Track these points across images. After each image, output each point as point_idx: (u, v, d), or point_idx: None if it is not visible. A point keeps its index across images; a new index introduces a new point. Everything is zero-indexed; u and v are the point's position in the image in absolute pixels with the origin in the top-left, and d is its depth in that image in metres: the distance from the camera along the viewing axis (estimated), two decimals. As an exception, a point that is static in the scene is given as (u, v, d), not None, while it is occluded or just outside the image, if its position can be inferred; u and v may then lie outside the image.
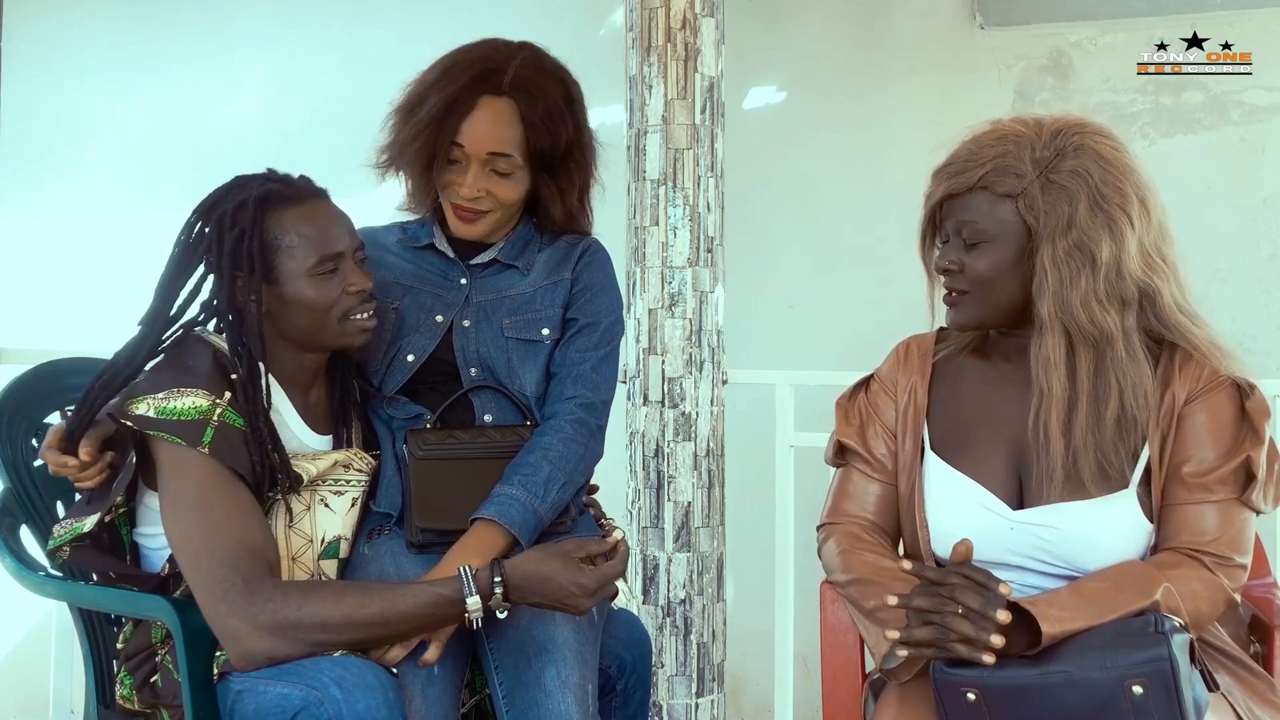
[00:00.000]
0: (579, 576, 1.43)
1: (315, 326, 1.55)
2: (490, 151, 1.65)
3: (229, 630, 1.39)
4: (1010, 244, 1.40)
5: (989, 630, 1.24)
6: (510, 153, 1.66)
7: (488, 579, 1.42)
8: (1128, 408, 1.39)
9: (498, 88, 1.65)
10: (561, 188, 1.72)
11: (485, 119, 1.65)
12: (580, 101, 1.73)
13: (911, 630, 1.28)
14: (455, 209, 1.70)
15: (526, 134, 1.66)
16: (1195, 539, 1.37)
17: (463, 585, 1.41)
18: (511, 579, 1.42)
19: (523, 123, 1.66)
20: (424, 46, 1.78)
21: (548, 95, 1.67)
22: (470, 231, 1.71)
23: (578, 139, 1.71)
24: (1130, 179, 1.39)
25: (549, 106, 1.67)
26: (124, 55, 3.93)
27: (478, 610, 1.41)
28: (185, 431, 1.43)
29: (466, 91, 1.65)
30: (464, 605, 1.41)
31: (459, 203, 1.68)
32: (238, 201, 1.52)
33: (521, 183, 1.69)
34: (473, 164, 1.65)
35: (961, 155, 1.43)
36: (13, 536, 1.65)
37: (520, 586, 1.42)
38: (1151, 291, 1.39)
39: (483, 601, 1.41)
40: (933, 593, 1.28)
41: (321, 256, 1.53)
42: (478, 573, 1.42)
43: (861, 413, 1.58)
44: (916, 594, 1.30)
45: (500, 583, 1.41)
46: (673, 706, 2.40)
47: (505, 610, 1.43)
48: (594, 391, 1.69)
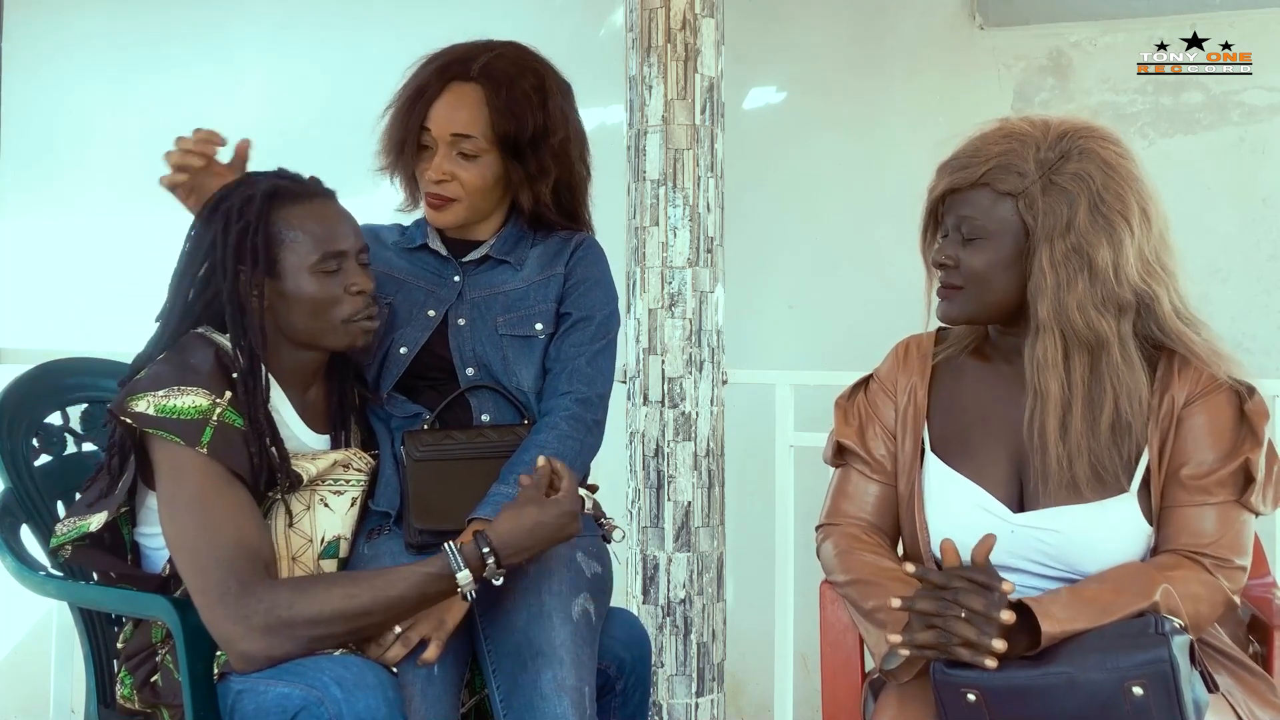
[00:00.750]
0: (559, 506, 1.46)
1: (316, 324, 1.55)
2: (454, 133, 1.67)
3: (226, 634, 1.39)
4: (1007, 242, 1.40)
5: (991, 633, 1.24)
6: (473, 134, 1.67)
7: (475, 551, 1.43)
8: (1123, 413, 1.39)
9: (465, 74, 1.69)
10: (530, 174, 1.71)
11: (450, 102, 1.68)
12: (556, 93, 1.73)
13: (914, 633, 1.28)
14: (427, 197, 1.72)
15: (491, 117, 1.67)
16: (1194, 541, 1.37)
17: (450, 561, 1.42)
18: (499, 544, 1.43)
19: (487, 105, 1.68)
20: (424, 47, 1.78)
21: (516, 82, 1.69)
22: (440, 220, 1.72)
23: (548, 126, 1.70)
24: (1133, 186, 1.39)
25: (515, 92, 1.68)
26: (124, 55, 3.93)
27: (469, 584, 1.43)
28: (184, 431, 1.44)
29: (435, 77, 1.70)
30: (454, 581, 1.42)
31: (428, 191, 1.71)
32: (245, 196, 1.53)
33: (488, 168, 1.69)
34: (440, 147, 1.68)
35: (967, 151, 1.43)
36: (13, 536, 1.65)
37: (509, 546, 1.44)
38: (1149, 299, 1.39)
39: (475, 575, 1.43)
40: (936, 596, 1.28)
41: (325, 253, 1.53)
42: (463, 547, 1.43)
43: (860, 413, 1.58)
44: (919, 597, 1.29)
45: (490, 551, 1.43)
46: (672, 706, 2.40)
47: (501, 577, 1.45)
48: (589, 386, 1.69)
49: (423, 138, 1.70)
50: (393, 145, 1.72)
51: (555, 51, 1.77)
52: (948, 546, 1.32)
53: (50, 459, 1.75)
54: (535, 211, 1.74)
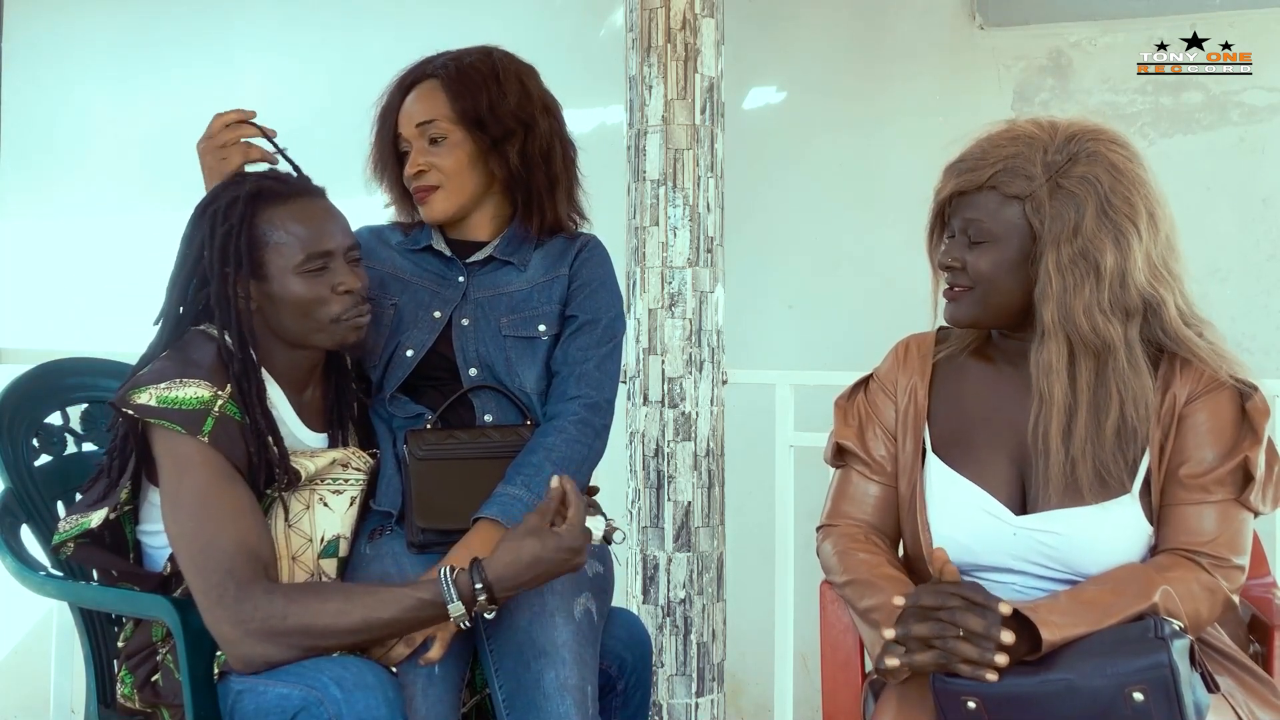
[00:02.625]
0: (560, 541, 1.41)
1: (304, 324, 1.55)
2: (418, 123, 1.72)
3: (223, 635, 1.40)
4: (1014, 245, 1.39)
5: (991, 650, 1.23)
6: (434, 117, 1.71)
7: (468, 583, 1.40)
8: (1128, 418, 1.38)
9: (422, 75, 1.75)
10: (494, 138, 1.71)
11: (411, 100, 1.74)
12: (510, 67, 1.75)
13: (913, 655, 1.27)
14: (414, 195, 1.75)
15: (447, 98, 1.71)
16: (1193, 540, 1.37)
17: (443, 590, 1.39)
18: (494, 577, 1.40)
19: (443, 90, 1.72)
20: (424, 47, 1.78)
21: (466, 64, 1.74)
22: (432, 212, 1.74)
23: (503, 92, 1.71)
24: (1140, 190, 1.38)
25: (467, 71, 1.73)
26: (124, 55, 3.93)
27: (461, 616, 1.40)
28: (186, 420, 1.44)
29: (397, 90, 1.76)
30: (447, 610, 1.39)
31: (413, 186, 1.74)
32: (231, 198, 1.53)
33: (458, 146, 1.72)
34: (414, 144, 1.73)
35: (974, 153, 1.42)
36: (13, 536, 1.65)
37: (504, 580, 1.40)
38: (1156, 303, 1.38)
39: (467, 607, 1.40)
40: (932, 618, 1.27)
41: (309, 254, 1.52)
42: (458, 576, 1.40)
43: (860, 413, 1.58)
44: (915, 619, 1.27)
45: (482, 588, 1.39)
46: (673, 706, 2.40)
47: (493, 611, 1.42)
48: (598, 391, 1.69)
49: (400, 146, 1.75)
50: (378, 164, 1.78)
51: (555, 51, 1.78)
52: (939, 555, 1.32)
53: (50, 459, 1.76)
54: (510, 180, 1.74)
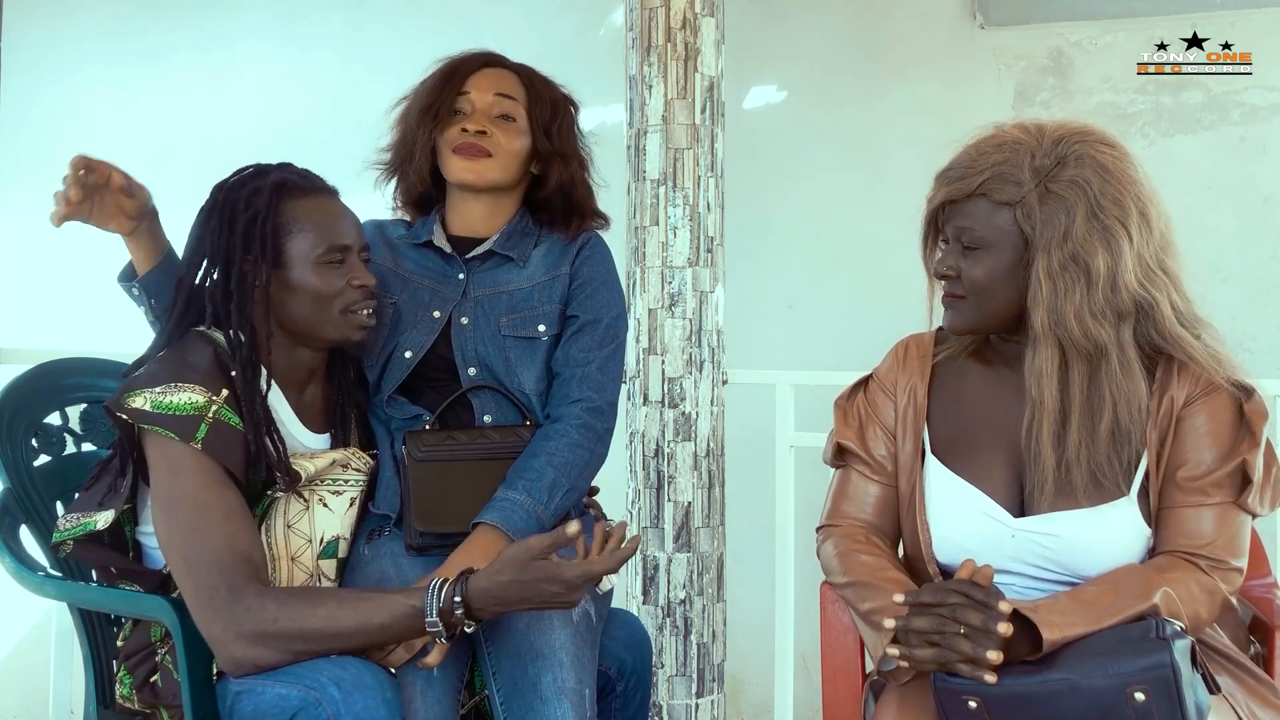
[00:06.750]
0: (559, 573, 1.37)
1: (316, 315, 1.55)
2: (499, 92, 1.74)
3: (214, 637, 1.40)
4: (1007, 252, 1.39)
5: (990, 647, 1.23)
6: (516, 96, 1.74)
7: (449, 596, 1.38)
8: (1122, 421, 1.38)
9: (500, 62, 1.78)
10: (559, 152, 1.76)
11: (490, 74, 1.76)
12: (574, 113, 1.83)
13: (913, 651, 1.27)
14: (459, 149, 1.71)
15: (528, 94, 1.75)
16: (1191, 542, 1.37)
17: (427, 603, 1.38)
18: (473, 598, 1.38)
19: (523, 87, 1.76)
20: (424, 47, 1.78)
21: (548, 84, 1.80)
22: (469, 171, 1.71)
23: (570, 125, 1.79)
24: (1131, 190, 1.38)
25: (549, 87, 1.79)
26: (124, 54, 3.93)
27: (438, 630, 1.38)
28: (179, 426, 1.44)
29: (469, 60, 1.77)
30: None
31: (463, 141, 1.71)
32: (254, 187, 1.55)
33: (523, 137, 1.74)
34: (479, 107, 1.73)
35: (962, 161, 1.42)
36: (13, 536, 1.65)
37: (486, 598, 1.38)
38: (1149, 305, 1.38)
39: (444, 621, 1.38)
40: (932, 614, 1.27)
41: (330, 246, 1.55)
42: (445, 590, 1.39)
43: (860, 413, 1.58)
44: (915, 615, 1.28)
45: (460, 603, 1.38)
46: (673, 707, 2.40)
47: (471, 627, 1.40)
48: (600, 394, 1.68)
49: (458, 103, 1.74)
50: (425, 111, 1.73)
51: (555, 51, 1.78)
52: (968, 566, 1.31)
53: (50, 459, 1.75)
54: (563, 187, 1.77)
